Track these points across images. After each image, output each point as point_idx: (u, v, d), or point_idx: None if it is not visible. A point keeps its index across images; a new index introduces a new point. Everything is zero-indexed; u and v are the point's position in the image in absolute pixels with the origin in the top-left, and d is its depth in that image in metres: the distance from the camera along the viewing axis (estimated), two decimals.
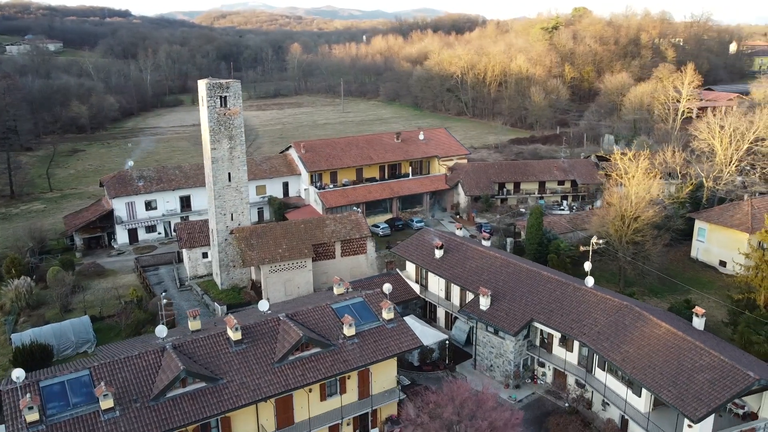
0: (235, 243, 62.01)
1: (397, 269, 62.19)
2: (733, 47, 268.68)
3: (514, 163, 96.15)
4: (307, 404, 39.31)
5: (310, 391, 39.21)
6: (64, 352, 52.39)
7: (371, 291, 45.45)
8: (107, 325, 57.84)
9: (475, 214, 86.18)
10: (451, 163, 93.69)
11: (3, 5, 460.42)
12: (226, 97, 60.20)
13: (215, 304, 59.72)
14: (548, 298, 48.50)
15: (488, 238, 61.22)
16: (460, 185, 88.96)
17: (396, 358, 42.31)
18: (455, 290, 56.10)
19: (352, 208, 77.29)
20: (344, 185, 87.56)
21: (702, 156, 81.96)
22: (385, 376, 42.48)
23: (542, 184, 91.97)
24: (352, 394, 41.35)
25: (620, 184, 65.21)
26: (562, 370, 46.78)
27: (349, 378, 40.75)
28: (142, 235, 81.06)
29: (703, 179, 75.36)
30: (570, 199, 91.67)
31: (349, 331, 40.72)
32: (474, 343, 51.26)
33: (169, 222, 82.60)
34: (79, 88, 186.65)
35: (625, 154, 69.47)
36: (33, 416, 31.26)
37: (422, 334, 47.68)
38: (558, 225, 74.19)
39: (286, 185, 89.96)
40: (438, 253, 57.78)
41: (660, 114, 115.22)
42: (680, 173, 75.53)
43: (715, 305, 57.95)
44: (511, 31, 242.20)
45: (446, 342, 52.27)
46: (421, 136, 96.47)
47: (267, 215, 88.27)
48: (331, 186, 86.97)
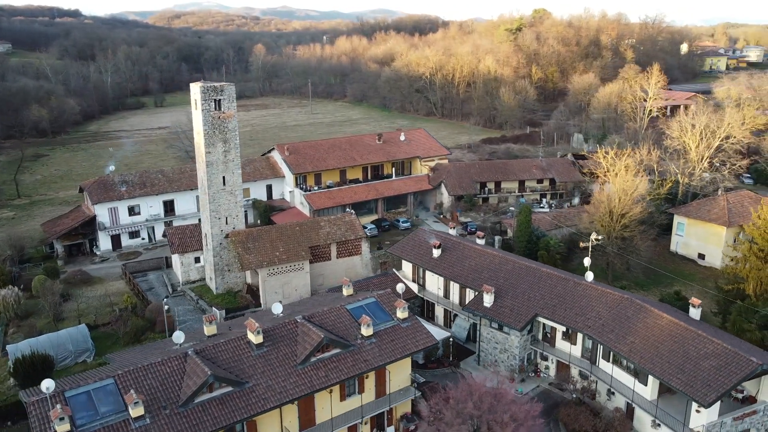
0: (231, 247, 61.62)
1: (394, 269, 62.89)
2: (684, 48, 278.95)
3: (495, 163, 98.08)
4: (329, 405, 39.69)
5: (331, 391, 39.60)
6: (62, 362, 51.16)
7: (382, 291, 46.04)
8: (103, 333, 56.70)
9: (460, 213, 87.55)
10: (432, 164, 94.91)
11: None
12: (220, 100, 59.72)
13: (214, 308, 59.19)
14: (550, 294, 49.98)
15: (483, 237, 62.44)
16: (443, 185, 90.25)
17: (410, 356, 43.04)
18: (454, 288, 57.17)
19: (345, 209, 77.51)
20: (329, 187, 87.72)
21: (674, 153, 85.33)
22: (400, 374, 43.17)
23: (522, 183, 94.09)
24: (369, 394, 41.90)
25: (605, 182, 67.43)
26: (566, 363, 48.30)
27: (367, 377, 41.27)
28: (125, 241, 79.48)
29: (679, 176, 78.52)
30: (549, 197, 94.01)
31: (366, 331, 41.24)
32: (478, 339, 52.37)
33: (153, 227, 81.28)
34: (38, 91, 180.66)
35: (608, 153, 71.91)
36: (64, 427, 30.78)
37: None
38: (543, 222, 76.13)
39: (269, 188, 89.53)
40: (436, 253, 58.73)
41: (628, 113, 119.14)
42: (657, 170, 78.45)
43: (700, 296, 60.55)
44: (475, 33, 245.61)
45: (450, 339, 53.30)
46: (402, 137, 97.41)
47: (251, 218, 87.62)
48: (316, 188, 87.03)
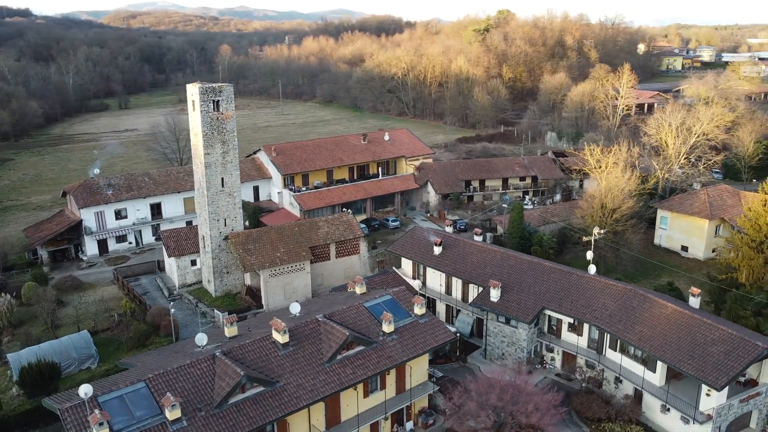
0: (232, 249, 61.22)
1: (393, 267, 63.47)
2: (641, 48, 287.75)
3: (479, 161, 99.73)
4: (355, 402, 40.08)
5: (356, 389, 39.98)
6: (66, 369, 50.06)
7: (397, 288, 46.63)
8: (104, 339, 55.60)
9: (447, 211, 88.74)
10: (417, 163, 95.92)
11: None
12: (218, 101, 59.29)
13: (216, 311, 58.75)
14: (555, 287, 51.39)
15: (480, 234, 63.60)
16: (429, 184, 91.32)
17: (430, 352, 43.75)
18: (457, 285, 58.16)
19: (335, 209, 77.78)
20: (316, 187, 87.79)
21: (651, 150, 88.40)
22: (419, 370, 43.84)
23: (505, 181, 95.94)
24: (390, 390, 42.43)
25: (593, 179, 69.50)
26: (573, 354, 49.75)
27: (388, 374, 41.78)
28: (112, 245, 77.93)
29: (658, 171, 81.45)
30: (531, 194, 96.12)
31: (388, 328, 41.76)
32: (485, 333, 53.44)
33: (140, 231, 79.91)
34: None
35: (593, 150, 74.12)
36: None
37: None
38: (531, 218, 77.80)
39: (256, 189, 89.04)
40: (437, 250, 59.61)
41: (600, 112, 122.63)
42: (638, 166, 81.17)
43: (688, 286, 63.03)
44: (442, 33, 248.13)
45: (457, 334, 54.19)
46: (387, 137, 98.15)
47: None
48: (304, 188, 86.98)
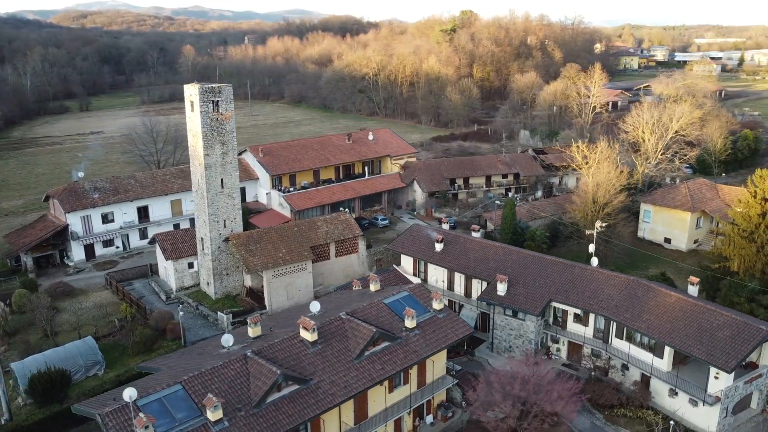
0: (234, 250, 60.78)
1: (393, 265, 64.10)
2: (598, 48, 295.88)
3: (462, 160, 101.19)
4: (382, 397, 40.59)
5: (382, 384, 40.47)
6: (74, 377, 48.93)
7: (413, 285, 47.32)
8: (106, 344, 54.45)
9: (435, 209, 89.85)
10: (402, 162, 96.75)
11: None
12: (218, 101, 58.76)
13: (220, 314, 58.24)
14: (560, 280, 52.90)
15: (478, 230, 64.82)
16: (416, 182, 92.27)
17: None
18: (459, 280, 59.19)
19: (340, 209, 77.81)
20: (304, 187, 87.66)
21: (630, 146, 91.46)
22: (439, 364, 44.65)
23: (488, 178, 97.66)
24: (413, 384, 43.08)
25: (575, 175, 71.54)
26: (579, 344, 51.34)
27: (411, 368, 42.42)
28: (99, 250, 76.12)
29: (639, 166, 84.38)
30: (513, 190, 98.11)
31: (410, 324, 42.40)
32: (491, 327, 54.59)
33: (127, 235, 78.34)
34: None
35: (579, 147, 76.34)
36: None
37: None
38: (520, 214, 79.49)
39: (243, 190, 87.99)
40: (438, 247, 60.51)
41: (573, 110, 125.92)
42: (619, 162, 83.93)
43: (675, 275, 65.74)
44: (408, 33, 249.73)
45: None
46: (371, 137, 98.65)
47: None
48: (292, 189, 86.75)
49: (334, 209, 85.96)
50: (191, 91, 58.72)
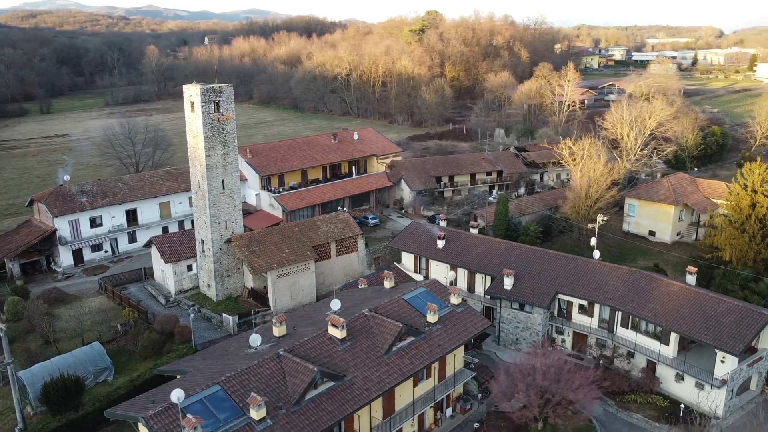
0: (236, 251, 60.35)
1: (395, 263, 64.69)
2: (558, 48, 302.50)
3: (447, 158, 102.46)
4: (408, 391, 41.17)
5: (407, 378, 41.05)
6: (84, 383, 47.90)
7: (428, 281, 48.03)
8: (111, 350, 53.40)
9: (423, 207, 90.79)
10: (388, 161, 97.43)
11: None
12: (219, 102, 58.29)
13: (225, 315, 57.79)
14: (564, 273, 54.44)
15: (477, 227, 65.95)
16: (403, 181, 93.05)
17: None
18: (462, 276, 60.18)
19: (339, 208, 77.92)
20: (292, 188, 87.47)
21: (609, 143, 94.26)
22: (459, 357, 45.47)
23: (473, 176, 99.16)
24: (434, 378, 43.80)
25: (554, 171, 73.47)
26: (585, 334, 52.94)
27: (434, 363, 43.12)
28: (87, 254, 74.41)
29: (620, 162, 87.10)
30: (497, 188, 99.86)
31: (432, 318, 43.13)
32: (498, 320, 55.77)
33: (116, 239, 76.78)
34: None
35: (567, 143, 78.42)
36: None
37: None
38: (510, 210, 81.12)
39: None
40: (440, 243, 61.40)
41: (548, 108, 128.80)
42: (601, 158, 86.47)
43: (664, 266, 68.24)
44: (375, 33, 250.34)
45: None
46: (356, 136, 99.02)
47: None
48: (281, 189, 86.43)
49: (324, 209, 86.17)
50: (191, 92, 58.11)
